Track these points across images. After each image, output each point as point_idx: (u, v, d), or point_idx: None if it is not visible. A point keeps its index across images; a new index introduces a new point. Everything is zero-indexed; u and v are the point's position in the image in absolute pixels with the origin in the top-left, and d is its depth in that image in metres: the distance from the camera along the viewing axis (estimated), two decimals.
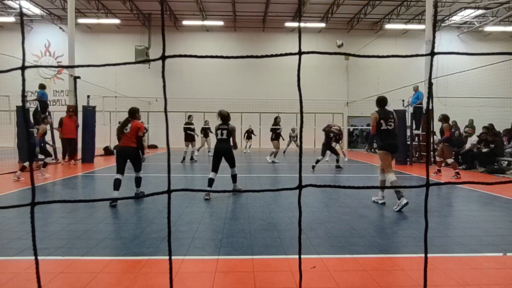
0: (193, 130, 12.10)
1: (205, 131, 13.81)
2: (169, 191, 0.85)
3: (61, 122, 11.41)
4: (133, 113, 5.75)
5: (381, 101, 5.35)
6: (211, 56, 0.86)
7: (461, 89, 16.87)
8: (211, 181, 5.88)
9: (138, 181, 5.79)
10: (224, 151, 6.03)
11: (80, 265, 2.98)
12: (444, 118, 8.84)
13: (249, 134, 17.15)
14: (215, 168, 6.00)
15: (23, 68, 0.79)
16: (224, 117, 6.16)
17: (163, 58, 0.81)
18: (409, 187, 0.78)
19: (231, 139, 6.08)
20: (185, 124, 12.16)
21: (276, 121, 12.45)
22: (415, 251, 3.33)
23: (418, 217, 4.70)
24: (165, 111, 0.85)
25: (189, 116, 12.47)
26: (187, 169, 10.20)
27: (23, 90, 0.80)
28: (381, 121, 5.23)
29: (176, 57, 0.85)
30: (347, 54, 0.93)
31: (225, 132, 6.06)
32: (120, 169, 5.55)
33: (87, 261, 3.05)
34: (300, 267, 0.85)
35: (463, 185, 7.53)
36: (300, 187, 0.87)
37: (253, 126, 17.80)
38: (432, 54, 0.80)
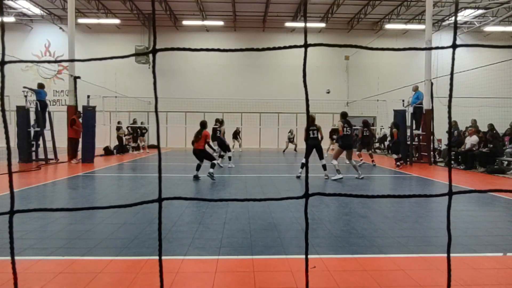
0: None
1: None
2: (160, 200, 0.76)
3: (75, 122, 11.71)
4: (203, 125, 7.89)
5: (344, 114, 8.35)
6: (206, 49, 0.82)
7: (461, 89, 16.83)
8: (303, 165, 8.02)
9: (212, 165, 7.83)
10: (315, 146, 7.90)
11: (80, 265, 2.98)
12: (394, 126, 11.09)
13: (235, 134, 17.33)
14: (307, 156, 7.76)
15: (2, 63, 0.73)
16: (313, 119, 8.28)
17: (154, 51, 0.77)
18: (432, 196, 0.70)
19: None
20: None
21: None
22: (415, 251, 3.33)
23: (418, 217, 4.71)
24: (156, 110, 0.79)
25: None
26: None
27: (2, 87, 0.74)
28: (344, 127, 8.13)
29: (168, 50, 0.81)
30: (356, 47, 0.83)
31: (315, 132, 8.05)
32: (200, 160, 7.97)
33: (87, 261, 3.05)
34: (306, 274, 0.84)
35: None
36: (306, 196, 0.75)
37: (253, 126, 17.84)
38: (454, 46, 0.76)
